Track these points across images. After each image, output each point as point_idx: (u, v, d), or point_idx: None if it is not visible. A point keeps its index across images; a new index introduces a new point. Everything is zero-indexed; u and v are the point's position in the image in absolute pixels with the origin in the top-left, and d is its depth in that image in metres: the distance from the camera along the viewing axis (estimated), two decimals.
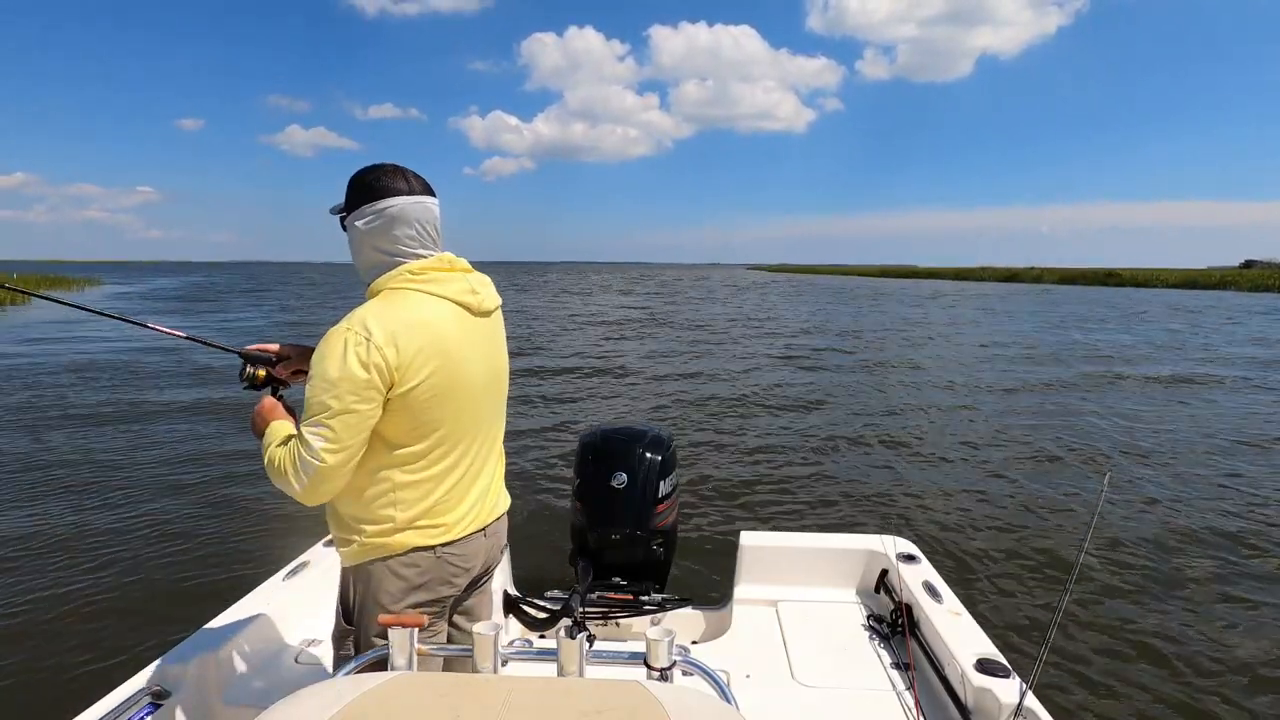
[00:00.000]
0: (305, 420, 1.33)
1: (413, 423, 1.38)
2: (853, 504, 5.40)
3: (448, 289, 1.43)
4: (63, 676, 3.07)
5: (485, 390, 1.51)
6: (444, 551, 1.46)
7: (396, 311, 1.36)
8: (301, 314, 24.36)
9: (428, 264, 1.43)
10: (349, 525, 1.44)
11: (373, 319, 1.33)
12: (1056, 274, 72.40)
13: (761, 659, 2.20)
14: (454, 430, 1.44)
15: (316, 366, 1.33)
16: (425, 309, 1.39)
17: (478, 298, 1.48)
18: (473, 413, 1.48)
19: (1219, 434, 7.55)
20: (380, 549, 1.42)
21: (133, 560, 4.26)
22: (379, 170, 1.45)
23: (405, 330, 1.34)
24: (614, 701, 0.92)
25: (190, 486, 5.69)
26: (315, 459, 1.30)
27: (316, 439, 1.31)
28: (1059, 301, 34.14)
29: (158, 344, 13.05)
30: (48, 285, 35.50)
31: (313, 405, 1.32)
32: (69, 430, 7.47)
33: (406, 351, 1.33)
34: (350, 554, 1.46)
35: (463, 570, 1.51)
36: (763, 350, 14.82)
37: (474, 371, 1.46)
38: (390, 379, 1.32)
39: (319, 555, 2.57)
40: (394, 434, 1.38)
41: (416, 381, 1.35)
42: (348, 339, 1.31)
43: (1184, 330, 19.53)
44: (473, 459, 1.51)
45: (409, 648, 1.19)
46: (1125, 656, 3.30)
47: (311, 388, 1.34)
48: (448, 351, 1.39)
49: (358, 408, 1.30)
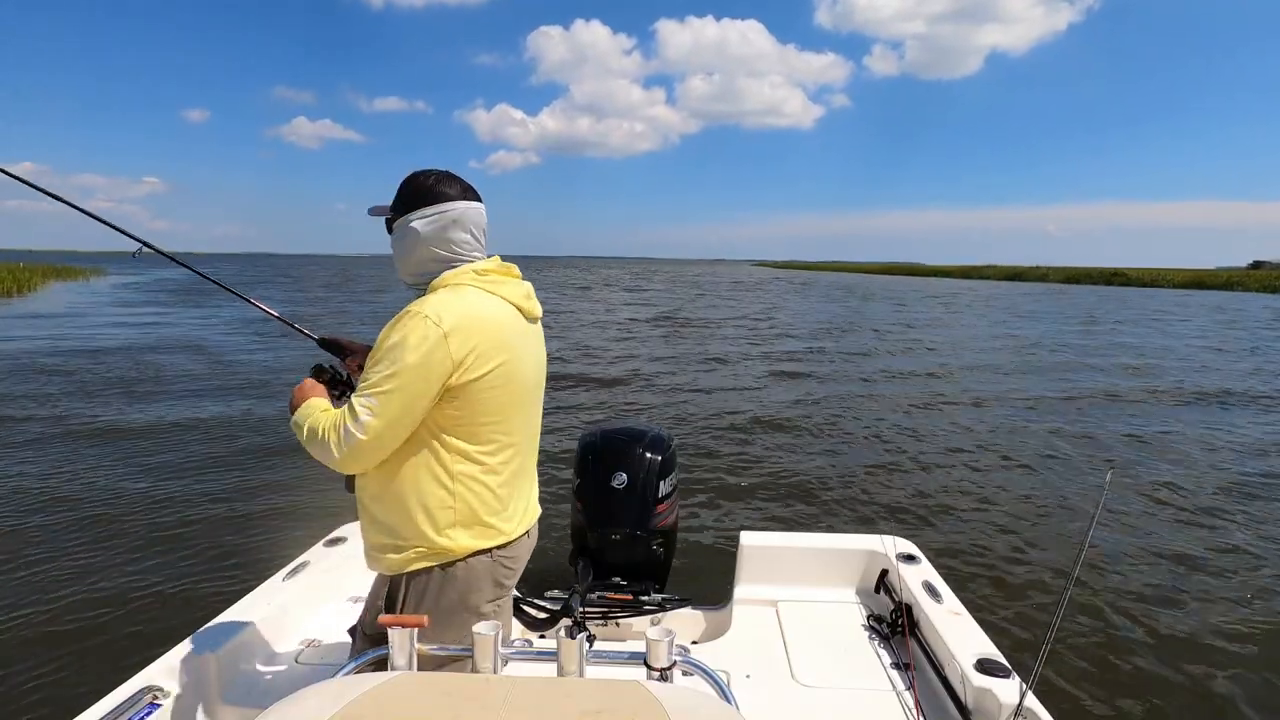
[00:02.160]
0: (359, 392, 1.35)
1: (472, 417, 1.39)
2: (853, 504, 5.40)
3: (507, 291, 1.47)
4: (62, 676, 3.08)
5: (534, 393, 1.54)
6: (499, 555, 1.46)
7: (465, 304, 1.39)
8: (318, 306, 24.39)
9: (489, 266, 1.48)
10: (399, 531, 1.41)
11: (444, 307, 1.35)
12: (1062, 273, 72.22)
13: (761, 659, 2.20)
14: (510, 429, 1.45)
15: (380, 344, 1.35)
16: (491, 306, 1.43)
17: (530, 303, 1.53)
18: (525, 414, 1.50)
19: (1222, 433, 7.54)
20: (438, 554, 1.40)
21: (133, 560, 4.27)
22: (434, 175, 1.49)
23: (473, 322, 1.36)
24: (614, 701, 0.93)
25: (190, 486, 5.70)
26: (359, 430, 1.32)
27: (365, 411, 1.32)
28: (1074, 300, 34.06)
29: (158, 337, 13.06)
30: (55, 275, 35.70)
31: (369, 378, 1.34)
32: (68, 431, 7.48)
33: (472, 341, 1.35)
34: (401, 561, 1.41)
35: (513, 573, 1.52)
36: (763, 350, 14.81)
37: (528, 372, 1.48)
38: (452, 366, 1.33)
39: (319, 555, 2.57)
40: (453, 428, 1.38)
41: (480, 373, 1.36)
42: (416, 322, 1.33)
43: (1197, 330, 19.49)
44: (523, 460, 1.52)
45: (409, 648, 1.20)
46: (1126, 656, 3.30)
47: (371, 363, 1.35)
48: (510, 348, 1.42)
49: (413, 387, 1.32)
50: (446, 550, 1.40)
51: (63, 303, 23.43)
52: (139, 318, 19.29)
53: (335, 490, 5.33)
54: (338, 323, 18.93)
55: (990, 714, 1.75)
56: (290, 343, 13.92)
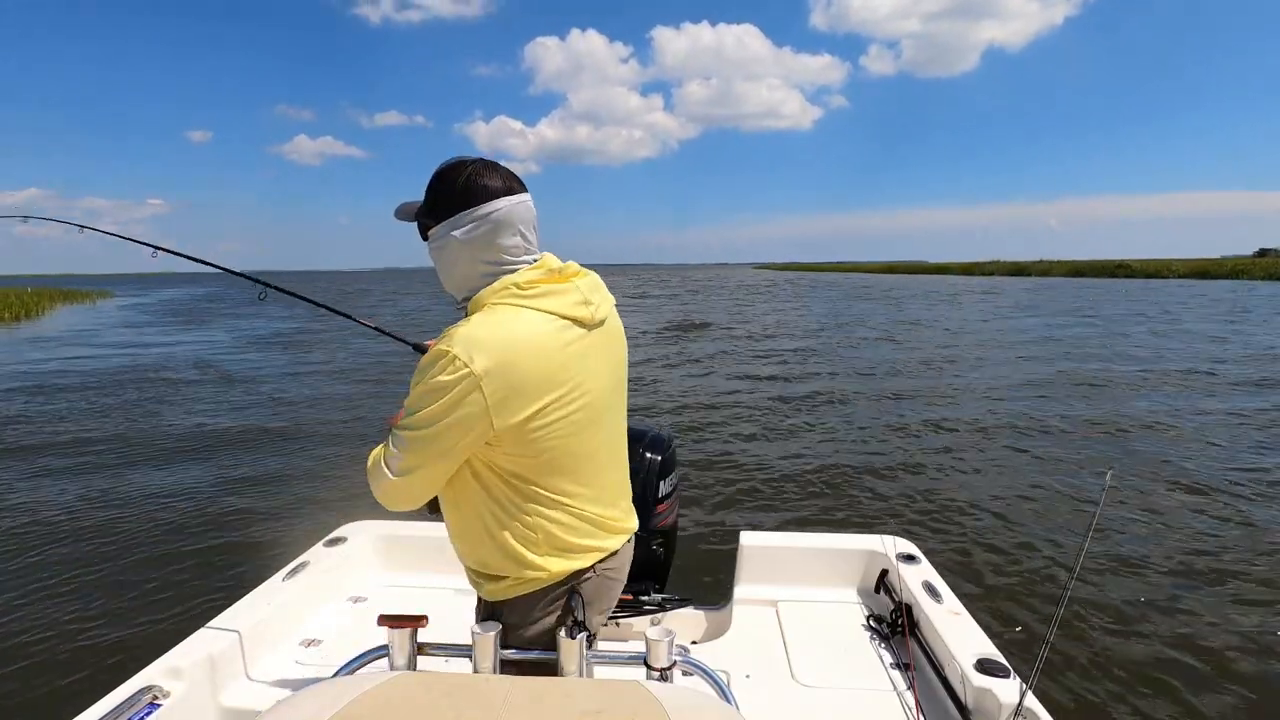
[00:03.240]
0: (398, 425, 1.24)
1: (536, 453, 1.23)
2: (853, 504, 5.40)
3: (558, 303, 1.24)
4: (63, 676, 3.09)
5: (608, 403, 1.36)
6: (602, 569, 1.37)
7: (502, 334, 1.18)
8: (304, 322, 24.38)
9: (535, 276, 1.25)
10: (489, 564, 1.32)
11: (476, 345, 1.15)
12: (1065, 266, 71.79)
13: (761, 659, 2.20)
14: (585, 450, 1.30)
15: (415, 375, 1.21)
16: (537, 330, 1.21)
17: (590, 308, 1.28)
18: (601, 429, 1.34)
19: (1223, 431, 7.53)
20: (533, 581, 1.31)
21: (133, 560, 4.28)
22: (470, 167, 1.27)
23: (511, 357, 1.16)
24: (614, 701, 0.93)
25: (190, 487, 5.71)
26: (388, 470, 1.23)
27: (396, 450, 1.22)
28: (1076, 294, 33.99)
29: (165, 355, 13.05)
30: (61, 299, 35.78)
31: (406, 409, 1.22)
32: (66, 432, 7.49)
33: (511, 381, 1.16)
34: (501, 589, 1.33)
35: (618, 582, 1.44)
36: (763, 350, 14.82)
37: (593, 389, 1.29)
38: (489, 413, 1.16)
39: (319, 555, 2.57)
40: (521, 470, 1.25)
41: (527, 413, 1.19)
42: (446, 362, 1.15)
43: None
44: (609, 472, 1.40)
45: (409, 648, 1.20)
46: (1126, 656, 3.30)
47: (411, 393, 1.22)
48: (562, 376, 1.22)
49: (444, 435, 1.18)
50: (539, 579, 1.31)
51: (71, 325, 23.53)
52: (144, 337, 19.43)
53: (335, 490, 5.35)
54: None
55: (990, 714, 1.75)
56: (288, 354, 13.90)
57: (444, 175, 1.28)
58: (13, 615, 3.60)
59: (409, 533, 2.79)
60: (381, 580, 2.70)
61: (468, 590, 2.66)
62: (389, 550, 2.76)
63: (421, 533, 2.79)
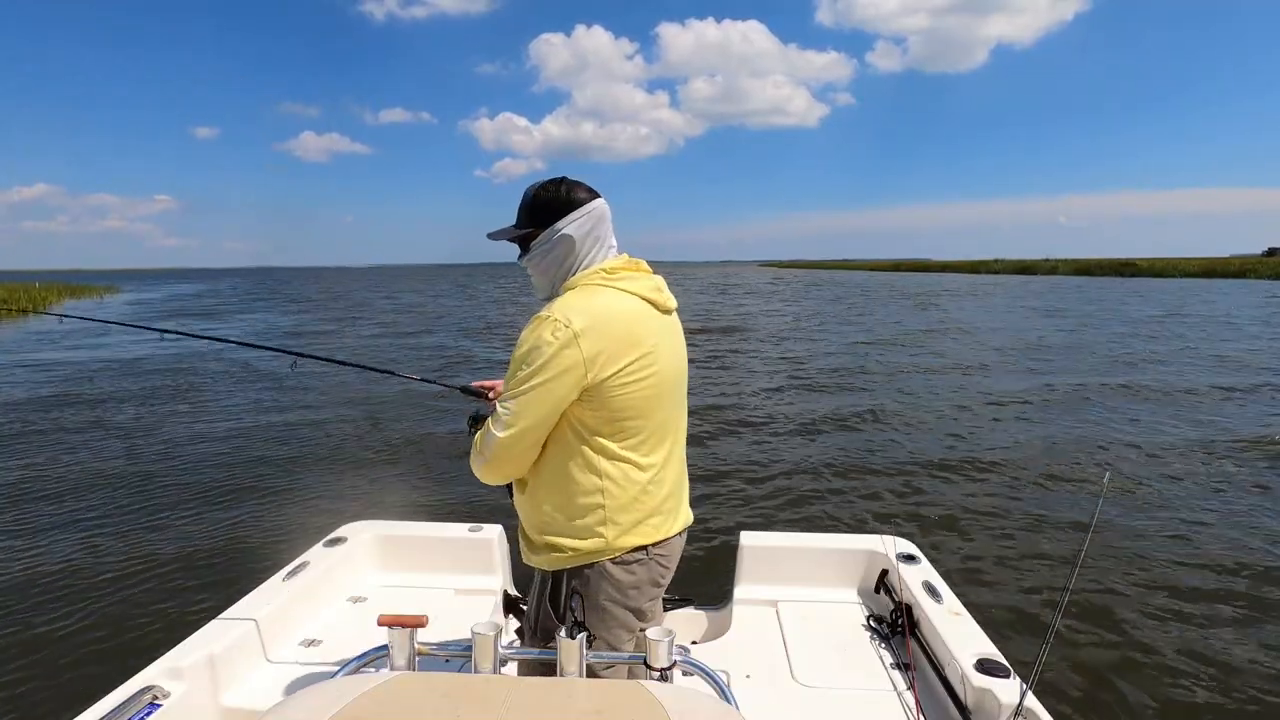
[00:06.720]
0: (501, 399, 1.40)
1: (615, 414, 1.40)
2: (853, 504, 5.40)
3: (637, 286, 1.47)
4: (62, 676, 3.09)
5: (674, 384, 1.52)
6: (655, 551, 1.47)
7: (595, 304, 1.40)
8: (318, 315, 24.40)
9: (617, 264, 1.49)
10: (553, 529, 1.44)
11: (573, 309, 1.37)
12: (1072, 265, 71.49)
13: (761, 659, 2.21)
14: (655, 425, 1.46)
15: (516, 351, 1.39)
16: (621, 303, 1.43)
17: (663, 295, 1.52)
18: (669, 408, 1.50)
19: (1226, 432, 7.51)
20: (593, 553, 1.43)
21: (133, 560, 4.29)
22: (562, 184, 1.50)
23: (603, 322, 1.38)
24: (614, 702, 0.93)
25: (190, 487, 5.72)
26: (499, 429, 1.38)
27: (505, 412, 1.38)
28: (1084, 294, 33.91)
29: (172, 353, 13.05)
30: (69, 294, 35.93)
31: (508, 384, 1.39)
32: (66, 434, 7.50)
33: (603, 341, 1.36)
34: (559, 559, 1.45)
35: (668, 571, 1.52)
36: (763, 350, 14.81)
37: (664, 366, 1.47)
38: (585, 366, 1.35)
39: (319, 555, 2.58)
40: (598, 426, 1.40)
41: (614, 370, 1.37)
42: (547, 325, 1.36)
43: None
44: (672, 457, 1.53)
45: (409, 648, 1.20)
46: (1126, 657, 3.30)
47: (511, 369, 1.39)
48: (643, 344, 1.42)
49: (548, 386, 1.34)
50: (600, 549, 1.42)
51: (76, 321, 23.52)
52: (144, 336, 19.28)
53: (335, 490, 5.37)
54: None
55: (990, 714, 1.75)
56: (281, 359, 13.87)
57: (542, 192, 1.50)
58: (13, 615, 3.61)
59: (409, 533, 2.79)
60: (381, 580, 2.70)
61: (468, 590, 2.66)
62: (389, 550, 2.76)
63: (421, 533, 2.79)
